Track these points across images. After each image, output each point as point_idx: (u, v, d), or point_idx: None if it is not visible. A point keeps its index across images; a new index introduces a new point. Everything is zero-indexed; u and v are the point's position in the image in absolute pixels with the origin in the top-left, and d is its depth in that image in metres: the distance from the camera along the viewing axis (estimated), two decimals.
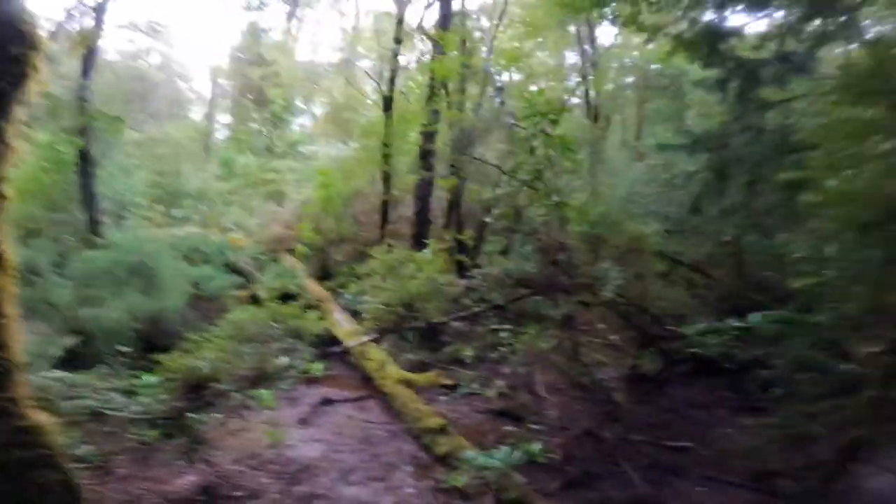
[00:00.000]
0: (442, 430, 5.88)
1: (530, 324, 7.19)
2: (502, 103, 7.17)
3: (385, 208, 13.91)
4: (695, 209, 6.94)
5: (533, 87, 14.53)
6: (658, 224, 8.82)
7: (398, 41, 14.32)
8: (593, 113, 16.39)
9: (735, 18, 7.08)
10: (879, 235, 4.14)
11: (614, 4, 7.74)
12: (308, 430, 6.42)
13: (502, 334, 7.71)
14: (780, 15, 6.50)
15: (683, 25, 6.89)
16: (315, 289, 10.92)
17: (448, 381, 7.96)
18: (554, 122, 5.21)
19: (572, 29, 17.20)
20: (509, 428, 6.44)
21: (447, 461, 5.37)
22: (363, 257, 10.86)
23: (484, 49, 13.55)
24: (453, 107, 11.48)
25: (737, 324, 6.32)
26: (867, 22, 7.09)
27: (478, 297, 8.57)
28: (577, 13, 10.47)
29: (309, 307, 9.18)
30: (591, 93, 17.08)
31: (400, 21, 14.40)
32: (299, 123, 26.18)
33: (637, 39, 14.50)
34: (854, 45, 6.46)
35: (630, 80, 18.22)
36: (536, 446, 5.32)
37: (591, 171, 13.66)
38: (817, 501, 5.19)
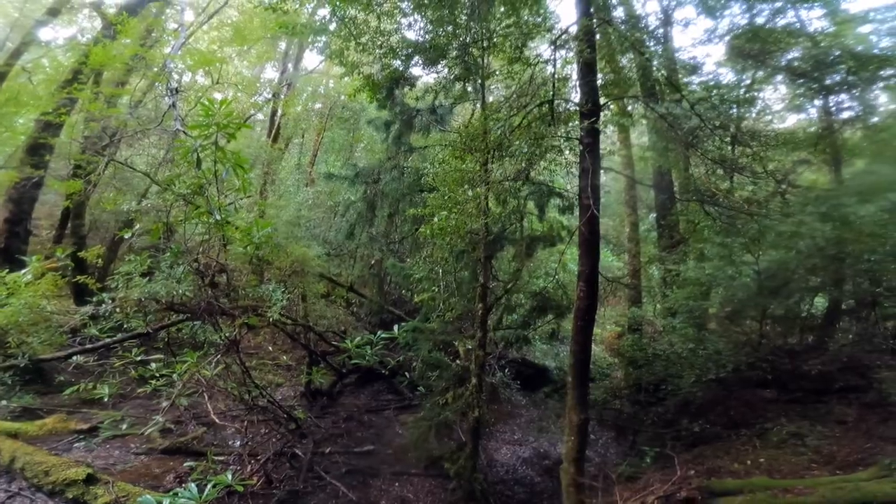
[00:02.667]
0: (90, 480, 5.00)
1: (188, 352, 6.39)
2: (173, 105, 6.13)
3: None
4: (350, 234, 8.04)
5: (217, 95, 13.15)
6: (321, 248, 9.59)
7: (54, 12, 10.44)
8: (275, 132, 16.27)
9: (416, 70, 8.60)
10: (467, 260, 6.07)
11: (329, 37, 8.07)
12: None
13: (152, 365, 6.73)
14: (443, 73, 8.24)
15: (376, 67, 7.96)
16: None
17: (82, 426, 6.83)
18: (230, 137, 4.84)
19: (282, 45, 16.74)
20: (189, 464, 6.10)
21: None
22: None
23: (172, 43, 11.39)
24: (101, 99, 9.02)
25: (384, 335, 7.59)
26: (492, 88, 9.84)
27: (109, 325, 6.99)
28: (294, 37, 10.23)
29: None
30: (279, 111, 16.96)
31: None
32: None
33: (335, 70, 15.34)
34: (478, 108, 8.81)
35: (318, 106, 18.84)
36: (228, 476, 5.05)
37: (262, 191, 13.45)
38: (472, 480, 6.86)
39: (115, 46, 9.81)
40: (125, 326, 7.28)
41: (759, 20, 9.54)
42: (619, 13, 11.40)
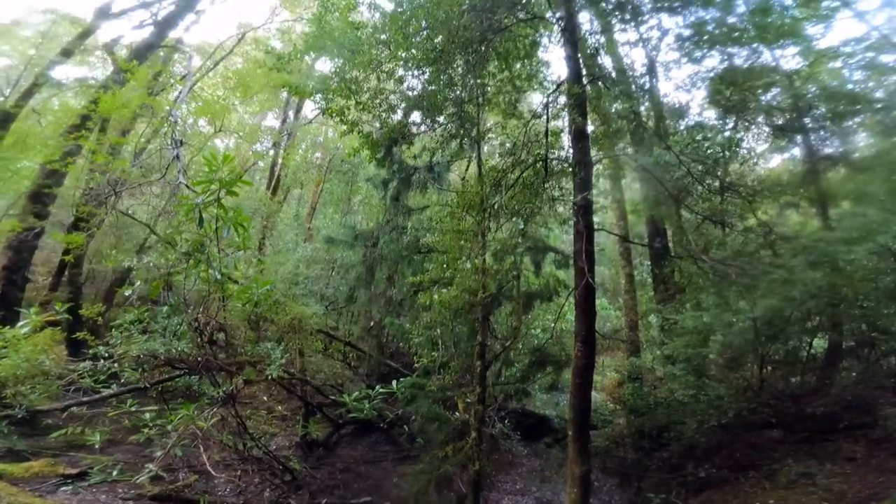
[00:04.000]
0: None
1: (184, 403, 6.32)
2: (177, 157, 6.29)
3: None
4: (350, 298, 8.09)
5: (220, 143, 13.47)
6: (319, 305, 9.63)
7: (68, 53, 10.87)
8: (275, 184, 16.38)
9: (414, 128, 8.83)
10: (466, 318, 6.14)
11: (331, 95, 8.31)
12: None
13: (146, 415, 6.62)
14: (440, 130, 8.42)
15: (376, 126, 8.19)
16: None
17: (70, 470, 6.60)
18: (231, 194, 4.94)
19: (283, 94, 17.16)
20: None
21: None
22: None
23: (178, 88, 11.77)
24: (104, 148, 9.22)
25: (382, 389, 7.53)
26: (488, 138, 10.06)
27: (105, 376, 7.00)
28: (296, 95, 10.55)
29: None
30: (279, 162, 17.15)
31: (85, 33, 11.14)
32: None
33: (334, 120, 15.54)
34: (474, 163, 8.95)
35: (317, 156, 19.06)
36: None
37: (261, 245, 13.47)
38: None
39: (123, 93, 10.07)
40: (121, 376, 7.23)
41: (737, 61, 9.94)
42: (606, 60, 11.94)
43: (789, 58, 11.81)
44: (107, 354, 7.22)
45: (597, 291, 6.25)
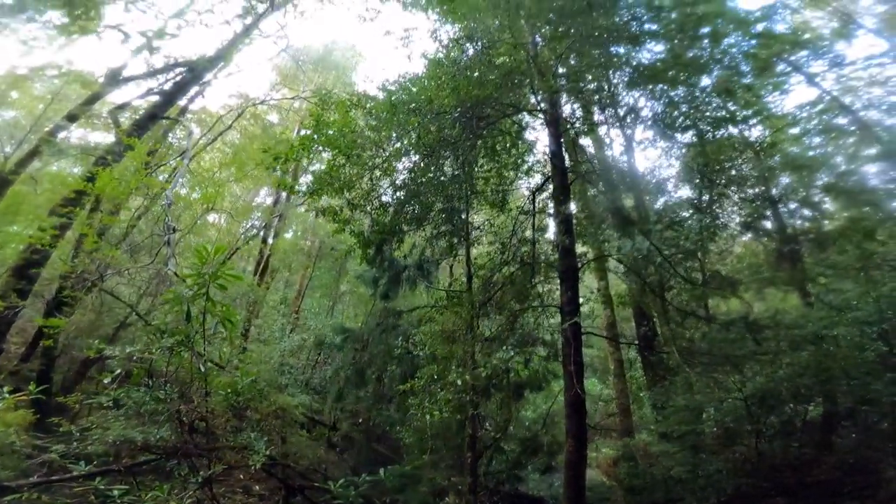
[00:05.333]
0: None
1: (158, 485, 5.92)
2: (168, 243, 6.33)
3: None
4: (339, 397, 7.95)
5: (212, 217, 13.46)
6: (305, 393, 9.41)
7: (73, 118, 11.03)
8: (262, 268, 16.08)
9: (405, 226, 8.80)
10: (455, 416, 6.09)
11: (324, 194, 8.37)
12: None
13: (115, 492, 6.14)
14: (430, 228, 8.48)
15: (367, 222, 8.29)
16: None
17: None
18: (221, 288, 4.96)
19: (277, 171, 17.39)
20: None
21: None
22: None
23: (173, 162, 11.91)
24: (94, 228, 9.15)
25: (369, 477, 7.20)
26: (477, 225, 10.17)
27: (75, 456, 6.63)
28: (291, 194, 10.62)
29: None
30: (269, 240, 16.98)
31: (93, 98, 11.37)
32: None
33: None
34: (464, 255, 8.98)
35: (307, 240, 18.95)
36: None
37: (247, 330, 13.02)
38: None
39: (120, 168, 10.15)
40: (93, 458, 6.82)
41: (707, 136, 10.51)
42: (588, 140, 12.59)
43: (753, 127, 12.59)
44: (78, 435, 6.88)
45: (587, 370, 6.25)
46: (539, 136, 9.34)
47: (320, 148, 8.04)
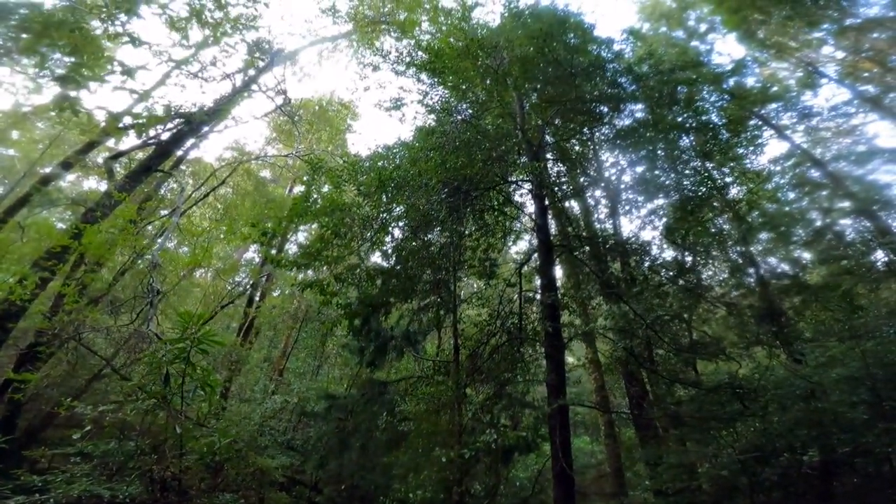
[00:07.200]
0: None
1: None
2: (150, 304, 6.22)
3: None
4: (321, 465, 7.63)
5: (198, 273, 13.26)
6: (286, 456, 9.00)
7: (67, 166, 11.14)
8: (247, 326, 15.74)
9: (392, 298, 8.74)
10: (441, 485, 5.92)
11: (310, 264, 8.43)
12: None
13: None
14: (418, 300, 8.40)
15: (354, 294, 8.26)
16: None
17: None
18: (202, 352, 4.87)
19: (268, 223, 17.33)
20: None
21: None
22: None
23: (164, 213, 11.86)
24: (75, 287, 8.96)
25: None
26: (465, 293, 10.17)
27: None
28: (280, 268, 10.54)
29: None
30: (256, 298, 16.74)
31: (90, 146, 11.39)
32: None
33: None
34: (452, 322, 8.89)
35: (295, 302, 18.49)
36: None
37: (227, 389, 12.58)
38: None
39: (107, 224, 10.06)
40: None
41: (688, 194, 10.85)
42: (573, 203, 12.93)
43: (731, 186, 13.04)
44: (40, 485, 6.40)
45: (578, 428, 6.14)
46: (526, 199, 9.61)
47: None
